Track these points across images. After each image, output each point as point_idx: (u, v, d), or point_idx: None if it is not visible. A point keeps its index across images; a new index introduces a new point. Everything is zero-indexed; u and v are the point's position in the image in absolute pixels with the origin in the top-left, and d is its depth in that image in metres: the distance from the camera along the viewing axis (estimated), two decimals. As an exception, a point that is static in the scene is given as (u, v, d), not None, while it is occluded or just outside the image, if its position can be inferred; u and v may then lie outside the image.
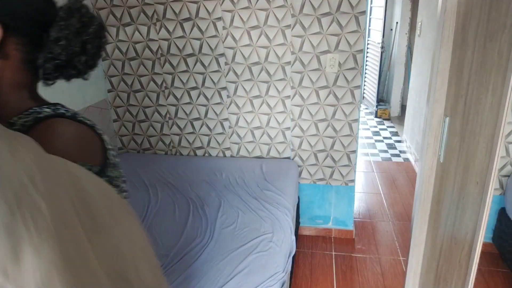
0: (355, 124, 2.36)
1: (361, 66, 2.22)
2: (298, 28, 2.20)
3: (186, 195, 2.12)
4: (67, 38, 0.68)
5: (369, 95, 5.71)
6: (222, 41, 2.31)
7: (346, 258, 2.47)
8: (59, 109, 0.70)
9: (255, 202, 2.02)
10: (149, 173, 2.39)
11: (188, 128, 2.60)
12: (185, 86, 2.48)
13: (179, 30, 2.33)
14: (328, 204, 2.63)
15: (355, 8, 2.09)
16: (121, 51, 2.46)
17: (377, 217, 2.93)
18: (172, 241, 1.72)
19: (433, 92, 1.45)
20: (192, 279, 1.47)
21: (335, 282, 2.25)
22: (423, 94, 3.64)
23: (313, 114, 2.38)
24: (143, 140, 2.70)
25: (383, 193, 3.31)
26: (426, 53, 3.59)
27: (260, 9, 2.19)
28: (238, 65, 2.35)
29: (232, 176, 2.30)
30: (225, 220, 1.88)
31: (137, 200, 2.09)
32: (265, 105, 2.42)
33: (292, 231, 1.80)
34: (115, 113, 2.64)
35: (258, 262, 1.56)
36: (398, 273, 2.32)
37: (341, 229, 2.68)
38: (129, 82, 2.54)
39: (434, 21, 3.30)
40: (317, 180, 2.58)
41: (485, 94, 1.09)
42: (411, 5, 4.93)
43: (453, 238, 1.34)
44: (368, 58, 5.70)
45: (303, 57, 2.26)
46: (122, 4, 2.34)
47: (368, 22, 5.50)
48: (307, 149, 2.49)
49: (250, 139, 2.54)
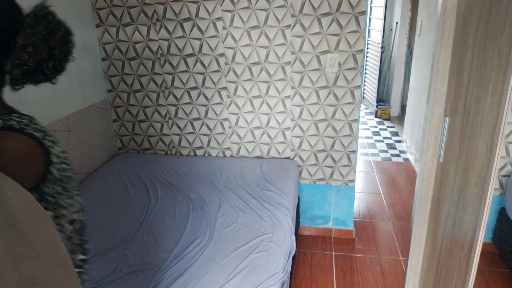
0: (355, 124, 2.36)
1: (361, 66, 2.22)
2: (298, 28, 2.20)
3: (186, 195, 2.12)
4: (34, 44, 0.69)
5: (369, 95, 5.71)
6: (222, 41, 2.31)
7: (346, 258, 2.47)
8: (11, 120, 0.70)
9: (255, 202, 2.02)
10: (149, 173, 2.39)
11: (188, 128, 2.60)
12: (185, 86, 2.48)
13: (179, 30, 2.33)
14: (328, 204, 2.63)
15: (355, 8, 2.10)
16: (121, 51, 2.46)
17: (377, 217, 2.93)
18: (172, 241, 1.72)
19: (433, 92, 1.45)
20: (192, 279, 1.47)
21: (335, 282, 2.25)
22: (423, 94, 3.64)
23: (313, 114, 2.38)
24: (143, 140, 2.70)
25: (383, 193, 3.31)
26: (426, 53, 3.59)
27: (260, 9, 2.19)
28: (238, 65, 2.35)
29: (232, 176, 2.31)
30: (225, 220, 1.88)
31: (137, 200, 2.09)
32: (265, 105, 2.42)
33: (292, 231, 1.80)
34: (115, 113, 2.64)
35: (258, 262, 1.56)
36: (398, 273, 2.32)
37: (341, 229, 2.68)
38: (129, 82, 2.54)
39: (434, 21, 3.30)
40: (317, 180, 2.58)
41: (485, 94, 1.08)
42: (411, 5, 4.93)
43: (453, 238, 1.34)
44: (368, 58, 5.70)
45: (303, 57, 2.26)
46: (122, 4, 2.34)
47: (368, 22, 5.51)
48: (307, 149, 2.49)
49: (250, 139, 2.54)
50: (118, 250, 1.68)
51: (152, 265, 1.57)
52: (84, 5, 2.31)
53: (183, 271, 1.52)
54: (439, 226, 1.50)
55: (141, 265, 1.57)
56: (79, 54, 2.27)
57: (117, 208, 2.01)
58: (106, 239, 1.75)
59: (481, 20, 1.12)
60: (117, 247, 1.70)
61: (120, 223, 1.88)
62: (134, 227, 1.84)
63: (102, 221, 1.89)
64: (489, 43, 1.06)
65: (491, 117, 1.05)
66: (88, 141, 2.38)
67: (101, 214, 1.95)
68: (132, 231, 1.81)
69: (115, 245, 1.71)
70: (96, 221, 1.89)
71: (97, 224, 1.87)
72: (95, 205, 2.03)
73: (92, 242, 1.73)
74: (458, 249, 1.29)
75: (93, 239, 1.75)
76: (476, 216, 1.15)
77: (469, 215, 1.21)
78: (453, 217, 1.35)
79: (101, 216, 1.93)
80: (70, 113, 2.19)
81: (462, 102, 1.26)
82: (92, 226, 1.84)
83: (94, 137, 2.44)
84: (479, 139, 1.12)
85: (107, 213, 1.96)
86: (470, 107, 1.19)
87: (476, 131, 1.14)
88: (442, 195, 1.47)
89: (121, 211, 1.98)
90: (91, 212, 1.97)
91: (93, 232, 1.80)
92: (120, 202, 2.07)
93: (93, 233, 1.80)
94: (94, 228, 1.84)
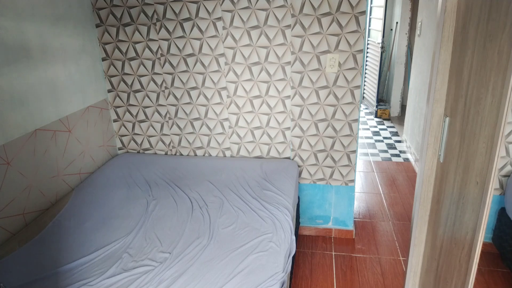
0: (355, 124, 2.36)
1: (361, 66, 2.22)
2: (298, 28, 2.20)
3: (186, 195, 2.12)
4: None
5: (369, 95, 5.71)
6: (222, 41, 2.31)
7: (346, 258, 2.47)
8: None
9: (255, 202, 2.02)
10: (149, 173, 2.39)
11: (188, 128, 2.60)
12: (185, 86, 2.48)
13: (179, 30, 2.33)
14: (328, 204, 2.63)
15: (355, 8, 2.10)
16: (121, 51, 2.46)
17: (377, 217, 2.93)
18: (172, 241, 1.72)
19: (433, 92, 1.45)
20: (192, 279, 1.47)
21: (335, 282, 2.25)
22: (423, 94, 3.64)
23: (313, 114, 2.38)
24: (143, 140, 2.71)
25: (383, 193, 3.31)
26: (426, 53, 3.59)
27: (260, 9, 2.19)
28: (238, 65, 2.35)
29: (232, 176, 2.30)
30: (225, 220, 1.88)
31: (137, 200, 2.09)
32: (265, 105, 2.42)
33: (292, 231, 1.80)
34: (115, 113, 2.65)
35: (258, 262, 1.56)
36: (398, 273, 2.32)
37: (341, 229, 2.68)
38: (129, 82, 2.54)
39: (434, 21, 3.30)
40: (317, 180, 2.58)
41: (485, 94, 1.08)
42: (411, 5, 4.93)
43: (453, 238, 1.34)
44: (368, 58, 5.70)
45: (303, 57, 2.26)
46: (122, 4, 2.34)
47: (368, 22, 5.51)
48: (307, 149, 2.49)
49: (250, 139, 2.54)
50: (118, 250, 1.68)
51: (152, 265, 1.57)
52: (84, 5, 2.31)
53: (183, 271, 1.52)
54: (439, 226, 1.50)
55: (141, 265, 1.57)
56: (79, 54, 2.27)
57: (117, 208, 2.01)
58: (106, 239, 1.75)
59: (481, 20, 1.12)
60: (117, 247, 1.70)
61: (120, 223, 1.88)
62: (134, 227, 1.84)
63: (102, 221, 1.89)
64: (489, 43, 1.06)
65: (491, 117, 1.05)
66: (88, 141, 2.38)
67: (101, 214, 1.95)
68: (132, 231, 1.81)
69: (115, 245, 1.71)
70: (96, 221, 1.89)
71: (97, 224, 1.87)
72: (95, 205, 2.03)
73: (92, 242, 1.73)
74: (458, 249, 1.29)
75: (93, 239, 1.75)
76: (476, 216, 1.15)
77: (469, 215, 1.21)
78: (453, 217, 1.35)
79: (101, 216, 1.93)
80: (70, 113, 2.19)
81: (462, 102, 1.26)
82: (92, 226, 1.84)
83: (94, 137, 2.44)
84: (479, 139, 1.12)
85: (107, 213, 1.96)
86: (470, 107, 1.19)
87: (476, 131, 1.14)
88: (442, 195, 1.47)
89: (121, 211, 1.98)
90: (91, 212, 1.97)
91: (93, 232, 1.80)
92: (120, 202, 2.07)
93: (93, 233, 1.80)
94: (94, 228, 1.84)
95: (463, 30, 1.25)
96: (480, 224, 1.11)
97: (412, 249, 1.74)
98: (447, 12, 1.33)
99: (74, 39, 2.23)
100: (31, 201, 1.91)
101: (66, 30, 2.15)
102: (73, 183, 2.24)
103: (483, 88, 1.10)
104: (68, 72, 2.17)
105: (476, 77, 1.15)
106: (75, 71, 2.23)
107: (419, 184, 1.63)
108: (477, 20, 1.14)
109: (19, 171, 1.82)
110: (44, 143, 1.98)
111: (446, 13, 1.33)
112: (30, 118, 1.88)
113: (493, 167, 1.03)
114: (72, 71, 2.21)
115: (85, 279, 1.49)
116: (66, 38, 2.15)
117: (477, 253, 1.14)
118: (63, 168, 2.15)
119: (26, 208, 1.87)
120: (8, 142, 1.75)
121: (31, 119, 1.89)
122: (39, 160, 1.95)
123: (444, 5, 1.33)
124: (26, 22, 1.85)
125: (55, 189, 2.08)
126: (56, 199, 2.09)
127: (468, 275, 1.19)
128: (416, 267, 1.77)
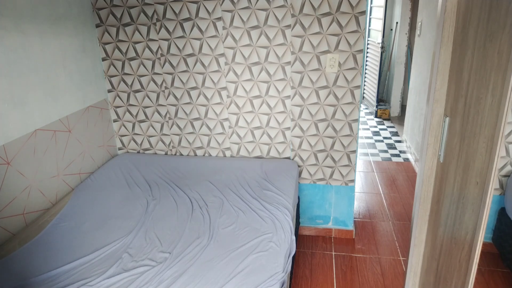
0: (355, 124, 2.36)
1: (361, 66, 2.22)
2: (298, 28, 2.20)
3: (186, 195, 2.12)
4: None
5: (369, 95, 5.71)
6: (222, 41, 2.31)
7: (346, 258, 2.47)
8: None
9: (255, 202, 2.02)
10: (149, 173, 2.39)
11: (188, 128, 2.60)
12: (185, 86, 2.48)
13: (179, 30, 2.33)
14: (328, 204, 2.63)
15: (355, 8, 2.10)
16: (121, 51, 2.46)
17: (377, 217, 2.93)
18: (172, 241, 1.72)
19: (433, 92, 1.45)
20: (192, 279, 1.47)
21: (335, 282, 2.25)
22: (423, 94, 3.64)
23: (313, 114, 2.38)
24: (143, 140, 2.70)
25: (383, 193, 3.31)
26: (426, 53, 3.59)
27: (260, 9, 2.19)
28: (238, 65, 2.35)
29: (232, 176, 2.30)
30: (225, 220, 1.88)
31: (137, 200, 2.09)
32: (265, 105, 2.42)
33: (292, 231, 1.80)
34: (115, 113, 2.65)
35: (258, 262, 1.56)
36: (398, 273, 2.32)
37: (341, 229, 2.68)
38: (129, 82, 2.54)
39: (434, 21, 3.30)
40: (317, 180, 2.58)
41: (485, 94, 1.08)
42: (411, 5, 4.93)
43: (453, 238, 1.34)
44: (368, 58, 5.70)
45: (303, 57, 2.26)
46: (122, 4, 2.34)
47: (368, 22, 5.51)
48: (307, 149, 2.49)
49: (250, 139, 2.54)
50: (118, 250, 1.68)
51: (152, 265, 1.57)
52: (84, 5, 2.31)
53: (183, 271, 1.52)
54: (439, 226, 1.50)
55: (141, 265, 1.57)
56: (79, 54, 2.27)
57: (117, 208, 2.01)
58: (106, 239, 1.75)
59: (481, 20, 1.12)
60: (117, 247, 1.70)
61: (120, 223, 1.88)
62: (134, 227, 1.84)
63: (102, 221, 1.89)
64: (489, 43, 1.06)
65: (491, 117, 1.05)
66: (88, 141, 2.38)
67: (101, 214, 1.95)
68: (132, 231, 1.81)
69: (115, 245, 1.71)
70: (96, 221, 1.89)
71: (97, 224, 1.87)
72: (95, 205, 2.03)
73: (92, 242, 1.73)
74: (458, 249, 1.29)
75: (93, 239, 1.75)
76: (476, 216, 1.15)
77: (469, 215, 1.21)
78: (453, 217, 1.35)
79: (101, 216, 1.93)
80: (70, 113, 2.19)
81: (462, 102, 1.26)
82: (92, 226, 1.84)
83: (94, 137, 2.44)
84: (479, 139, 1.12)
85: (107, 213, 1.96)
86: (470, 107, 1.19)
87: (476, 131, 1.14)
88: (442, 195, 1.47)
89: (121, 211, 1.98)
90: (91, 212, 1.97)
91: (93, 232, 1.80)
92: (120, 202, 2.07)
93: (93, 233, 1.80)
94: (94, 228, 1.84)
95: (463, 30, 1.25)
96: (480, 224, 1.11)
97: (412, 249, 1.74)
98: (447, 12, 1.33)
99: (74, 39, 2.23)
100: (31, 201, 1.91)
101: (66, 30, 2.15)
102: (73, 183, 2.24)
103: (483, 88, 1.10)
104: (68, 72, 2.17)
105: (476, 77, 1.15)
106: (75, 71, 2.23)
107: (419, 184, 1.63)
108: (477, 20, 1.14)
109: (19, 171, 1.82)
110: (44, 143, 1.98)
111: (446, 13, 1.33)
112: (30, 118, 1.88)
113: (493, 167, 1.03)
114: (72, 71, 2.21)
115: (85, 279, 1.49)
116: (66, 38, 2.15)
117: (477, 253, 1.14)
118: (63, 168, 2.15)
119: (26, 208, 1.87)
120: (8, 142, 1.75)
121: (31, 119, 1.89)
122: (39, 160, 1.95)
123: (444, 5, 1.33)
124: (26, 22, 1.85)
125: (55, 189, 2.08)
126: (56, 199, 2.09)
127: (468, 275, 1.19)
128: (416, 267, 1.77)
